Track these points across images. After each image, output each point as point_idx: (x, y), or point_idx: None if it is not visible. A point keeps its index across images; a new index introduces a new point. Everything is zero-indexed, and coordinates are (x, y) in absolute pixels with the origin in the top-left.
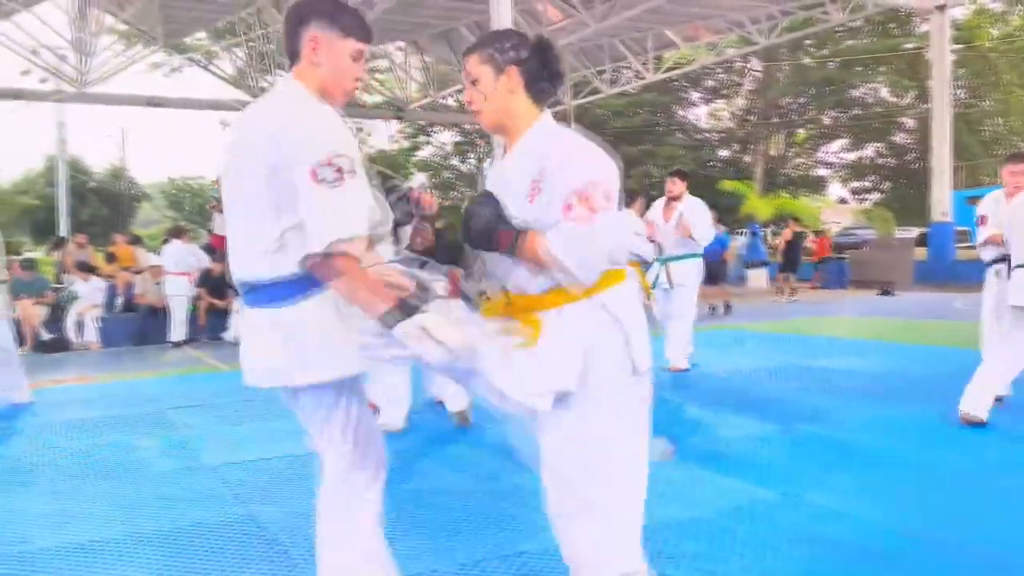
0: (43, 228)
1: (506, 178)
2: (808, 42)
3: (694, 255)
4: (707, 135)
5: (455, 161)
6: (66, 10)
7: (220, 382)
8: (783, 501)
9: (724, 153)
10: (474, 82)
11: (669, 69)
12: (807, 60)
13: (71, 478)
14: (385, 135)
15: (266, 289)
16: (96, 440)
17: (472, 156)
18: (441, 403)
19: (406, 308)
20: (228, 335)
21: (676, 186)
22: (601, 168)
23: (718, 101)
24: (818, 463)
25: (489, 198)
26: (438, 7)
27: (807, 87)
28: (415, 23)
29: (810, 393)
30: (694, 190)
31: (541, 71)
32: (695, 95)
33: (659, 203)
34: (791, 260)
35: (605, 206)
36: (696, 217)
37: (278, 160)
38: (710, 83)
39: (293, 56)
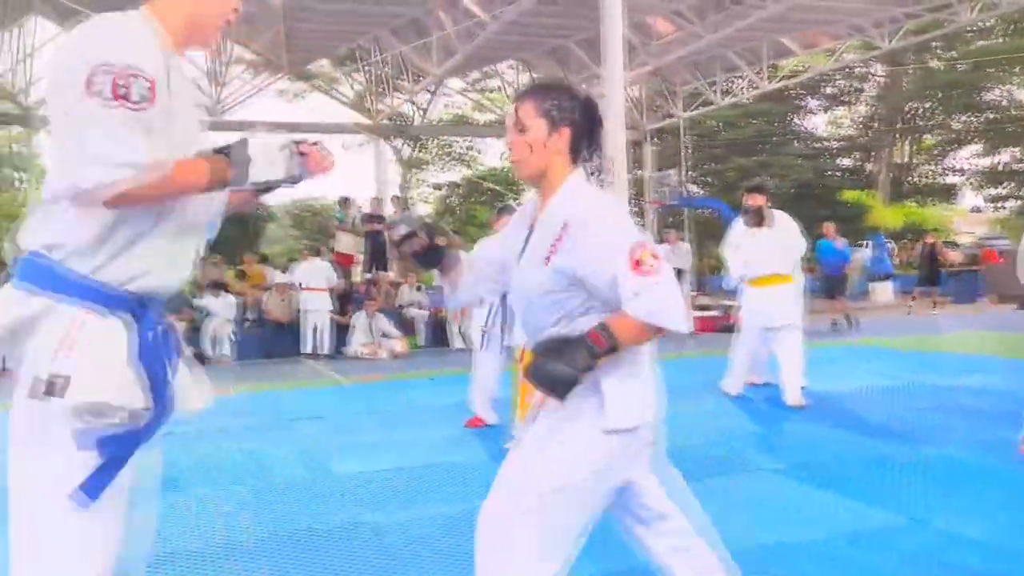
0: None
1: (532, 240)
2: (935, 44)
3: None
4: (826, 143)
5: None
6: None
7: (340, 394)
8: (907, 525)
9: (845, 162)
10: (522, 130)
11: (785, 77)
12: (934, 63)
13: (210, 483)
14: (496, 152)
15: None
16: (232, 447)
17: None
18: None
19: (234, 159)
20: (349, 349)
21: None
22: (633, 229)
23: (838, 108)
24: (943, 486)
25: (552, 345)
26: (548, 25)
27: (934, 91)
28: (525, 42)
29: (935, 412)
30: (813, 200)
31: (586, 134)
32: (813, 103)
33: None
34: (930, 273)
35: (659, 261)
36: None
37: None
38: (829, 90)
39: None
